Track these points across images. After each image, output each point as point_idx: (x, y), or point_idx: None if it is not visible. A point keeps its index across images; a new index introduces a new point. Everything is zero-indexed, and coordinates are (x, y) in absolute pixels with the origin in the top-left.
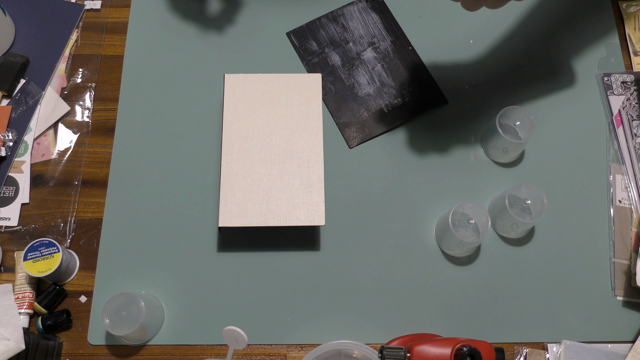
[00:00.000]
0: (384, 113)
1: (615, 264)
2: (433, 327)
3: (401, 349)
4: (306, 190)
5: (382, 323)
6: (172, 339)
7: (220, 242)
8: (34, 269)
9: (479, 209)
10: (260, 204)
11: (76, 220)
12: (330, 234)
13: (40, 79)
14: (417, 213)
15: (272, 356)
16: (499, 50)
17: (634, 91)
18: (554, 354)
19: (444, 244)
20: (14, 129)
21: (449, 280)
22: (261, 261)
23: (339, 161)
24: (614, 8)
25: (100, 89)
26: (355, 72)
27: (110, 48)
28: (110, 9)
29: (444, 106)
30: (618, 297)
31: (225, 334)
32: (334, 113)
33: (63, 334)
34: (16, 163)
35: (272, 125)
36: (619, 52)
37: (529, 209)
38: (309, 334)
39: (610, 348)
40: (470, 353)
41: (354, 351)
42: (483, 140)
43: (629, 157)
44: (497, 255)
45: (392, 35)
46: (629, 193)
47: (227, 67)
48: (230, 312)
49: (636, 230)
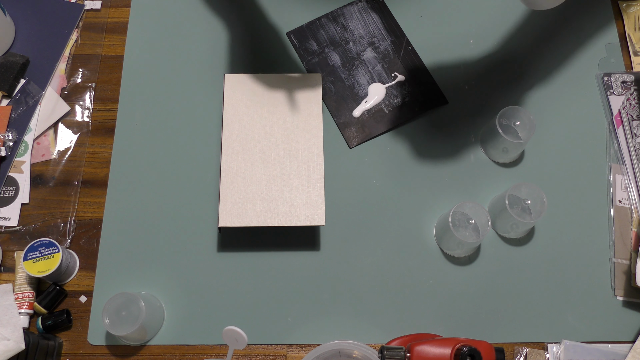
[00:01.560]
0: (384, 113)
1: (615, 264)
2: (433, 327)
3: (401, 349)
4: (306, 190)
5: (382, 323)
6: (172, 339)
7: (220, 242)
8: (34, 269)
9: (479, 209)
10: (260, 204)
11: (76, 220)
12: (330, 234)
13: (40, 79)
14: (417, 213)
15: (272, 356)
16: (499, 50)
17: (634, 91)
18: (554, 354)
19: (444, 244)
20: (14, 129)
21: (449, 280)
22: (261, 261)
23: (339, 161)
24: (614, 8)
25: (100, 89)
26: (355, 72)
27: (110, 48)
28: (110, 9)
29: (444, 106)
30: (618, 297)
31: (225, 334)
32: (334, 113)
33: (63, 334)
34: (16, 163)
35: (272, 125)
36: (619, 52)
37: (529, 209)
38: (309, 334)
39: (610, 348)
40: (470, 353)
41: (354, 351)
42: (483, 140)
43: (629, 157)
44: (497, 255)
45: (392, 35)
46: (629, 193)
47: (227, 67)
48: (230, 312)
49: (636, 230)
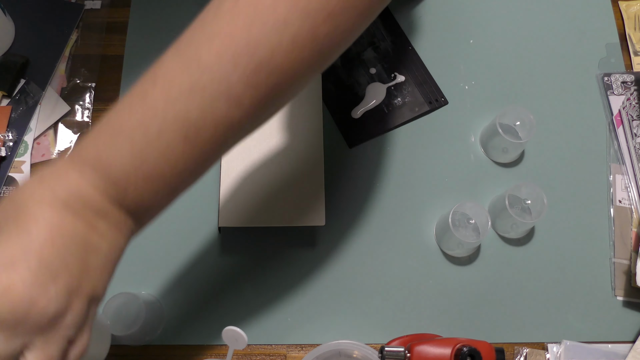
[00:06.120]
0: (384, 113)
1: (615, 264)
2: (433, 327)
3: (401, 349)
4: (306, 190)
5: (382, 323)
6: (172, 339)
7: (220, 242)
8: None
9: (479, 209)
10: (260, 204)
11: None
12: (330, 234)
13: (40, 79)
14: (417, 213)
15: (272, 356)
16: (499, 50)
17: (634, 91)
18: (554, 354)
19: (444, 244)
20: (14, 129)
21: (449, 280)
22: (261, 261)
23: (339, 161)
24: (614, 8)
25: (100, 89)
26: (355, 72)
27: (110, 48)
28: (110, 9)
29: (444, 106)
30: (618, 297)
31: (225, 334)
32: (334, 113)
33: None
34: (16, 163)
35: (272, 125)
36: (619, 52)
37: (529, 209)
38: (309, 334)
39: (610, 348)
40: (470, 353)
41: (354, 351)
42: (483, 140)
43: (629, 157)
44: (497, 255)
45: (392, 35)
46: (629, 193)
47: None
48: (230, 312)
49: (636, 230)
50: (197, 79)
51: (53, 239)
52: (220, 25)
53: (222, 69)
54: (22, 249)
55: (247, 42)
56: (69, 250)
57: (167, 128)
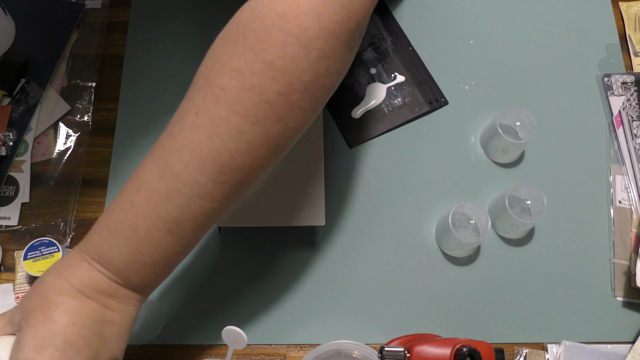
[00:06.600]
0: (384, 113)
1: (615, 264)
2: (433, 327)
3: (401, 349)
4: (306, 190)
5: (382, 323)
6: (171, 339)
7: (220, 242)
8: (34, 269)
9: (479, 209)
10: (260, 204)
11: (76, 220)
12: (330, 234)
13: (40, 78)
14: (417, 213)
15: (271, 356)
16: (499, 50)
17: (634, 92)
18: (553, 355)
19: (444, 244)
20: (14, 129)
21: (449, 280)
22: (261, 261)
23: (339, 161)
24: (614, 9)
25: (100, 89)
26: (354, 72)
27: (110, 48)
28: (110, 9)
29: (444, 106)
30: (618, 298)
31: (225, 334)
32: (334, 113)
33: None
34: (16, 162)
35: None
36: (619, 53)
37: (529, 210)
38: (309, 334)
39: (610, 348)
40: (470, 353)
41: (354, 351)
42: (483, 140)
43: (629, 157)
44: (497, 256)
45: (392, 35)
46: (629, 193)
47: None
48: (230, 312)
49: (636, 230)
50: (172, 185)
51: (73, 320)
52: (186, 137)
53: (192, 175)
54: (49, 333)
55: (210, 150)
56: (87, 327)
57: (153, 226)
